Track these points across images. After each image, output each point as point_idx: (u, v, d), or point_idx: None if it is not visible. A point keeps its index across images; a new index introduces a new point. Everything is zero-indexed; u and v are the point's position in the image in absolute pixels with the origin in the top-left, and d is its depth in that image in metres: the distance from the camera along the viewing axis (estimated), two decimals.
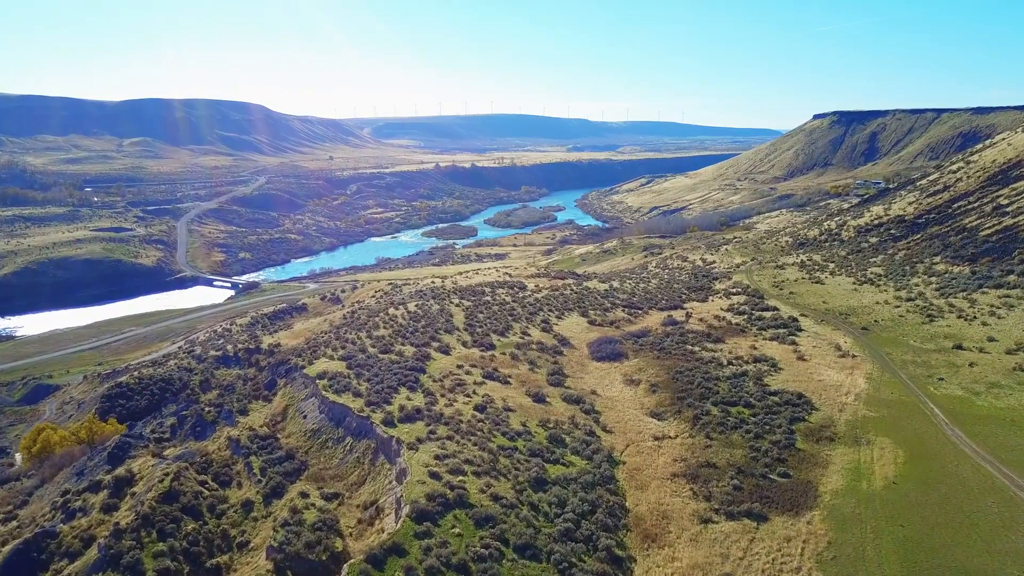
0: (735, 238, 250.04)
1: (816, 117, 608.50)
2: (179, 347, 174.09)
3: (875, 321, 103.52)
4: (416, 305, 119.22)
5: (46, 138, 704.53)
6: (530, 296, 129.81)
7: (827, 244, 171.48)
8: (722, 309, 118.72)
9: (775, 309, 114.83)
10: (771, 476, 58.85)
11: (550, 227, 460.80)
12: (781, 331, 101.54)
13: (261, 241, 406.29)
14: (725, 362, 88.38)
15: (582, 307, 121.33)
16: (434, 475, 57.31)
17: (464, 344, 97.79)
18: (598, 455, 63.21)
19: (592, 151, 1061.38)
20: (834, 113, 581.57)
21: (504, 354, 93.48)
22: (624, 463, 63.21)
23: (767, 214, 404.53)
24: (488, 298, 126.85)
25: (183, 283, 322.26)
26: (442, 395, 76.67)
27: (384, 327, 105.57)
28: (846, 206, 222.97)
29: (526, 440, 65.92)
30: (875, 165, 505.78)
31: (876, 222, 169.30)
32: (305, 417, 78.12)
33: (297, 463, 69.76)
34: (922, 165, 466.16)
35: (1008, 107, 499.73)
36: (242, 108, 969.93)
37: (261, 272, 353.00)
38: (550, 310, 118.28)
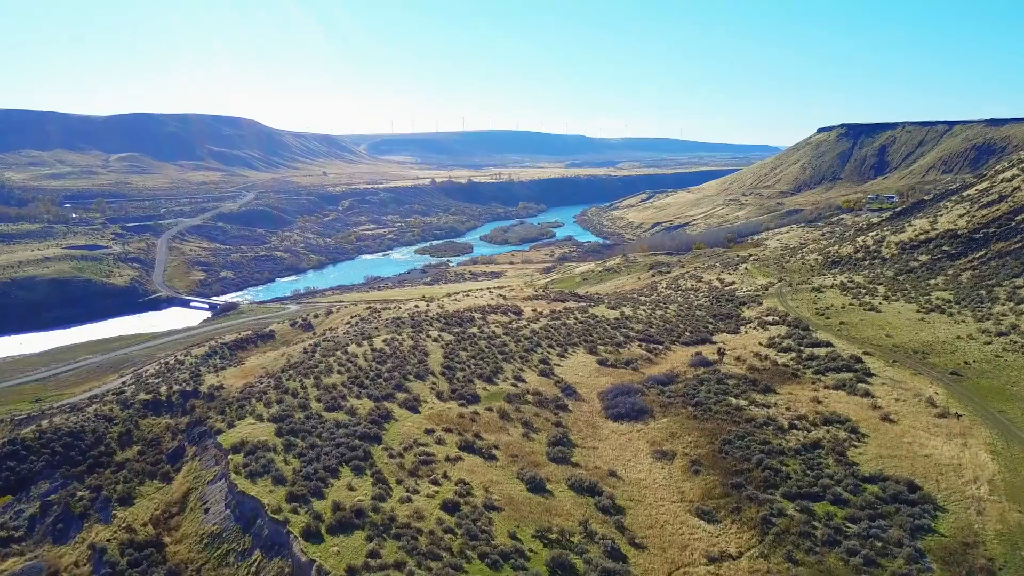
0: (751, 255, 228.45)
1: (821, 130, 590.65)
2: (122, 382, 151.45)
3: (965, 363, 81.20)
4: (385, 340, 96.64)
5: (30, 153, 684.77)
6: (526, 326, 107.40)
7: (866, 263, 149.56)
8: (761, 344, 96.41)
9: (828, 344, 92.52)
10: None
11: (548, 243, 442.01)
12: (845, 376, 79.12)
13: (245, 259, 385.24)
14: (786, 424, 65.84)
15: (589, 340, 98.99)
16: None
17: (439, 395, 75.17)
18: None
19: (590, 167, 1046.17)
20: (841, 126, 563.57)
21: (490, 410, 70.91)
22: None
23: (776, 230, 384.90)
24: (475, 329, 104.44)
25: (157, 304, 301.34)
26: (399, 481, 54.09)
27: (339, 371, 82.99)
28: (876, 220, 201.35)
29: (517, 567, 43.30)
30: (886, 179, 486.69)
31: (923, 237, 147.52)
32: (207, 511, 55.53)
33: None
34: (935, 178, 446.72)
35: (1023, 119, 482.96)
36: (235, 123, 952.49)
37: (243, 292, 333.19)
38: (550, 345, 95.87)
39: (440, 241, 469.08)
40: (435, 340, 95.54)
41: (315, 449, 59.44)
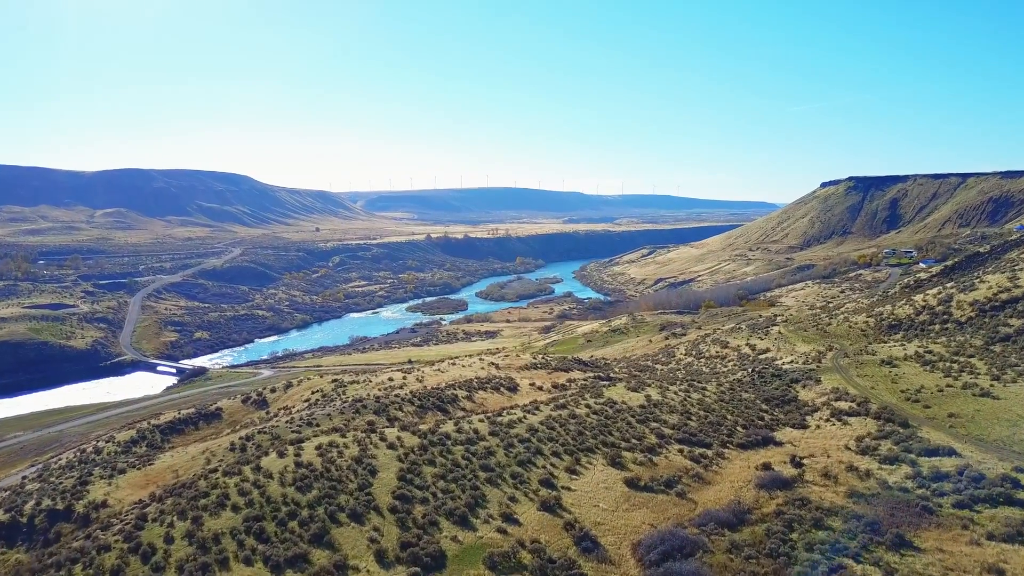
0: (778, 316, 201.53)
1: (825, 184, 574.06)
2: (23, 477, 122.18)
3: None
4: (320, 446, 68.26)
5: (13, 208, 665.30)
6: (522, 419, 79.32)
7: (936, 327, 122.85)
8: (849, 448, 68.81)
9: (951, 452, 64.80)
10: None
11: (547, 300, 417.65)
12: (1013, 515, 51.27)
13: (224, 318, 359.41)
14: None
15: (609, 443, 71.04)
16: None
17: (380, 554, 46.92)
18: None
19: (588, 223, 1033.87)
20: (849, 179, 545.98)
21: None
22: None
23: (790, 286, 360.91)
24: (451, 426, 76.34)
25: (120, 369, 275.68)
26: None
27: (236, 504, 54.73)
28: (924, 275, 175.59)
29: None
30: (899, 233, 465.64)
31: (1004, 297, 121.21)
32: None
33: None
34: (953, 232, 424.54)
35: None
36: (227, 179, 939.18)
37: (218, 354, 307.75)
38: (555, 452, 67.84)
39: (433, 298, 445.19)
40: (391, 446, 67.16)
41: None
